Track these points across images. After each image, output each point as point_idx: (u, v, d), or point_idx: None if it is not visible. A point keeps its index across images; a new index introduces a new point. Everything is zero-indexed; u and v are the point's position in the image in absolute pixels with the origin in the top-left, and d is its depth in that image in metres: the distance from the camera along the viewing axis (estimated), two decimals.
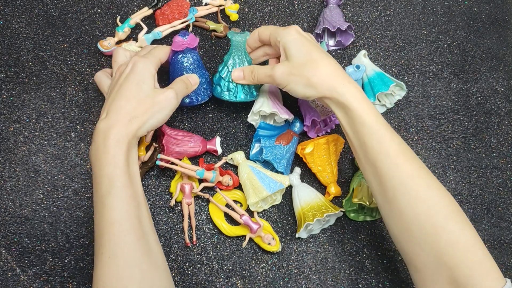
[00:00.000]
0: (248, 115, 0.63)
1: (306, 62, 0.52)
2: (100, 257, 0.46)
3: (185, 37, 0.58)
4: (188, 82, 0.57)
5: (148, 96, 0.51)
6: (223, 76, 0.60)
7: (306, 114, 0.63)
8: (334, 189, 0.63)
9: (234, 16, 0.71)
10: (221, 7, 0.71)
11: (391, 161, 0.48)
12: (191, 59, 0.59)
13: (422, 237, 0.46)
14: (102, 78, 0.57)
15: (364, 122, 0.49)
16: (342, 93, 0.50)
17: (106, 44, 0.65)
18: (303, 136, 0.66)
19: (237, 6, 0.71)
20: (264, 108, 0.61)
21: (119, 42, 0.67)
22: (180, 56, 0.58)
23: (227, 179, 0.61)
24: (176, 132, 0.61)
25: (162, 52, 0.57)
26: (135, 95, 0.50)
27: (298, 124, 0.64)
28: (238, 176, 0.62)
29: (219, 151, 0.63)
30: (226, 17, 0.71)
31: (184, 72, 0.59)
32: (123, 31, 0.67)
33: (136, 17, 0.68)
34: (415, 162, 0.49)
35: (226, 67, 0.60)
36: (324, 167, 0.63)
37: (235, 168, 0.64)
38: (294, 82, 0.53)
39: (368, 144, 0.49)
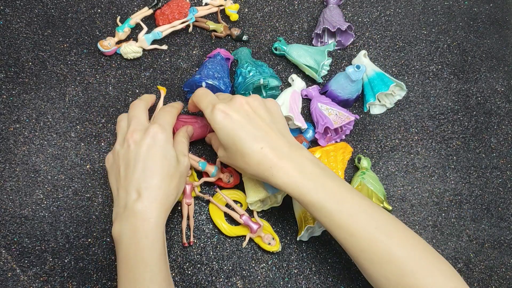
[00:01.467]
0: None
1: (234, 153, 0.50)
2: None
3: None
4: (186, 129, 0.58)
5: (176, 169, 0.51)
6: (243, 70, 0.63)
7: (318, 121, 0.63)
8: None
9: (234, 16, 0.71)
10: (221, 7, 0.71)
11: (345, 232, 0.46)
12: (219, 58, 0.63)
13: None
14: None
15: (307, 203, 0.47)
16: (274, 182, 0.48)
17: (106, 44, 0.65)
18: (313, 144, 0.66)
19: (237, 6, 0.71)
20: (282, 109, 0.61)
21: (119, 42, 0.67)
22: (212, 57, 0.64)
23: (227, 176, 0.61)
24: (182, 116, 0.62)
25: (173, 117, 0.56)
26: (167, 171, 0.50)
27: (310, 131, 0.64)
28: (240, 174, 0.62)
29: None
30: (226, 17, 0.71)
31: (208, 68, 0.61)
32: (123, 31, 0.67)
33: (136, 17, 0.68)
34: (371, 224, 0.46)
35: (243, 70, 0.63)
36: None
37: None
38: (235, 166, 0.53)
39: (318, 219, 0.48)
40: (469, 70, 0.73)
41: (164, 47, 0.68)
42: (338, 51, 0.72)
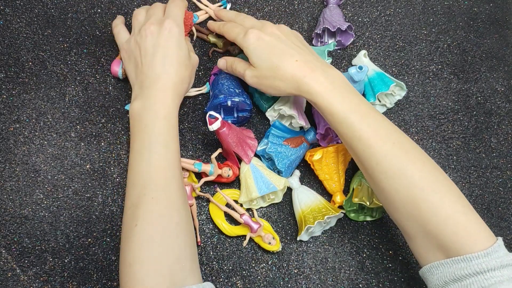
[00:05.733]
0: (268, 110, 0.63)
1: (268, 69, 0.54)
2: (142, 198, 0.49)
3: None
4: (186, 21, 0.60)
5: (188, 59, 0.57)
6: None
7: (320, 122, 0.63)
8: (339, 198, 0.63)
9: None
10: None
11: (363, 144, 0.50)
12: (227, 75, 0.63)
13: (405, 209, 0.48)
14: (120, 31, 0.62)
15: (332, 113, 0.51)
16: (306, 90, 0.52)
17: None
18: (314, 145, 0.66)
19: None
20: (285, 108, 0.61)
21: None
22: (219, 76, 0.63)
23: (226, 171, 0.61)
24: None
25: (183, 11, 0.60)
26: (182, 61, 0.56)
27: (312, 133, 0.64)
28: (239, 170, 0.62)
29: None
30: None
31: (221, 84, 0.62)
32: None
33: None
34: (389, 139, 0.50)
35: None
36: (332, 176, 0.63)
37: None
38: (263, 85, 0.56)
39: (340, 131, 0.52)
40: (469, 70, 0.73)
41: None
42: (338, 51, 0.72)
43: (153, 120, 0.52)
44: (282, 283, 0.60)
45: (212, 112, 0.57)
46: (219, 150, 0.61)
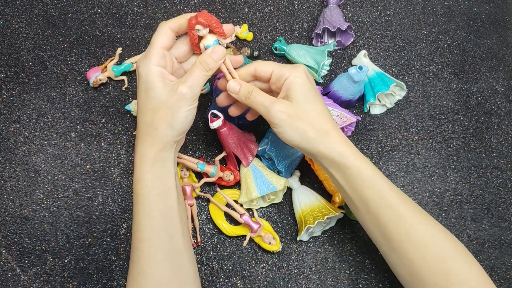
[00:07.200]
0: None
1: (307, 111, 0.48)
2: (131, 271, 0.47)
3: None
4: (209, 62, 0.48)
5: (160, 101, 0.47)
6: None
7: None
8: (339, 198, 0.62)
9: (249, 36, 0.70)
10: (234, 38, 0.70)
11: (394, 212, 0.47)
12: None
13: (433, 281, 0.46)
14: None
15: (363, 178, 0.48)
16: (340, 152, 0.48)
17: (97, 80, 0.64)
18: None
19: (245, 26, 0.70)
20: None
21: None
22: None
23: (228, 174, 0.61)
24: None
25: (160, 36, 0.48)
26: (147, 106, 0.47)
27: None
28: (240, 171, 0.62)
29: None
30: (242, 42, 0.71)
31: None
32: (118, 75, 0.66)
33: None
34: (416, 209, 0.48)
35: None
36: None
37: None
38: (290, 127, 0.48)
39: (369, 198, 0.48)
40: (469, 70, 0.73)
41: None
42: (338, 51, 0.72)
43: (133, 186, 0.49)
44: (282, 283, 0.60)
45: (214, 111, 0.56)
46: (224, 154, 0.61)
